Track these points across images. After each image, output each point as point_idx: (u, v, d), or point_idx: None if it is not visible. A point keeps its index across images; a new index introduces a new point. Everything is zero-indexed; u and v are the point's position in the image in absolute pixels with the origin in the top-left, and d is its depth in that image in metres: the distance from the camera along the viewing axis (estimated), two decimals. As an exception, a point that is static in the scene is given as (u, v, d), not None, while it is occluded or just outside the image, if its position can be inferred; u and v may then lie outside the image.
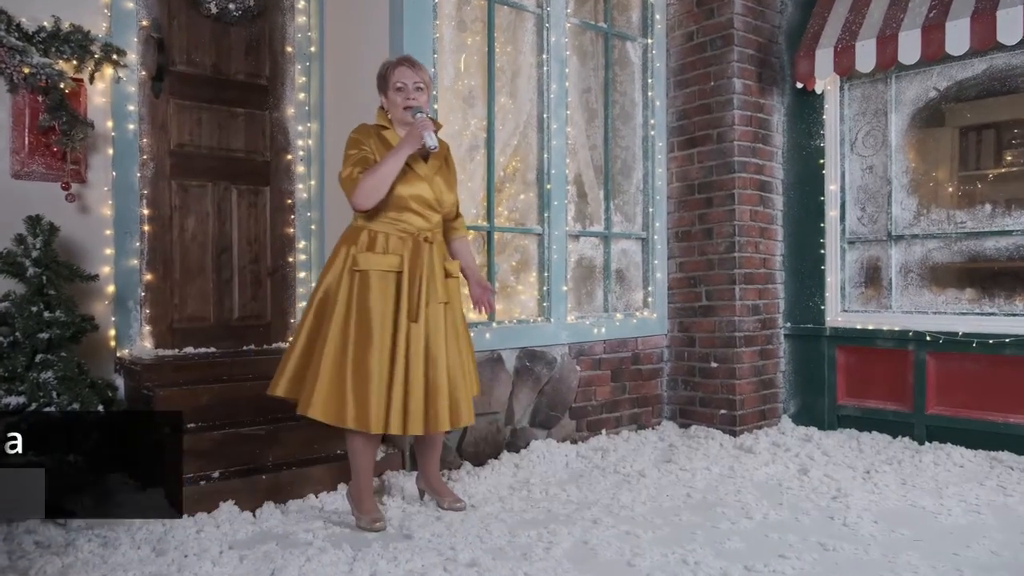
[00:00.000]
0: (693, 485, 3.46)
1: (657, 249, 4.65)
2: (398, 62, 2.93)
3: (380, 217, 2.86)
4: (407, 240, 2.86)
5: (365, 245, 2.84)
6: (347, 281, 2.81)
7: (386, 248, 2.84)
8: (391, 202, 2.83)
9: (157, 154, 3.70)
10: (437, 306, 2.87)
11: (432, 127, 2.81)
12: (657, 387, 4.64)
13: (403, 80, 2.88)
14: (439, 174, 2.95)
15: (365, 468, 2.93)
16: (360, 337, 2.76)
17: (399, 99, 2.88)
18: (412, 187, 2.86)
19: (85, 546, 2.61)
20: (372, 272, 2.80)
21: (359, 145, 2.86)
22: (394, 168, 2.77)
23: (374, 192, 2.77)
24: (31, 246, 3.03)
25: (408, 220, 2.88)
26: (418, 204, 2.88)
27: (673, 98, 4.67)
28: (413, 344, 2.79)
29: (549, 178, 4.12)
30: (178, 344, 3.73)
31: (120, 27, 3.54)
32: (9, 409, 2.80)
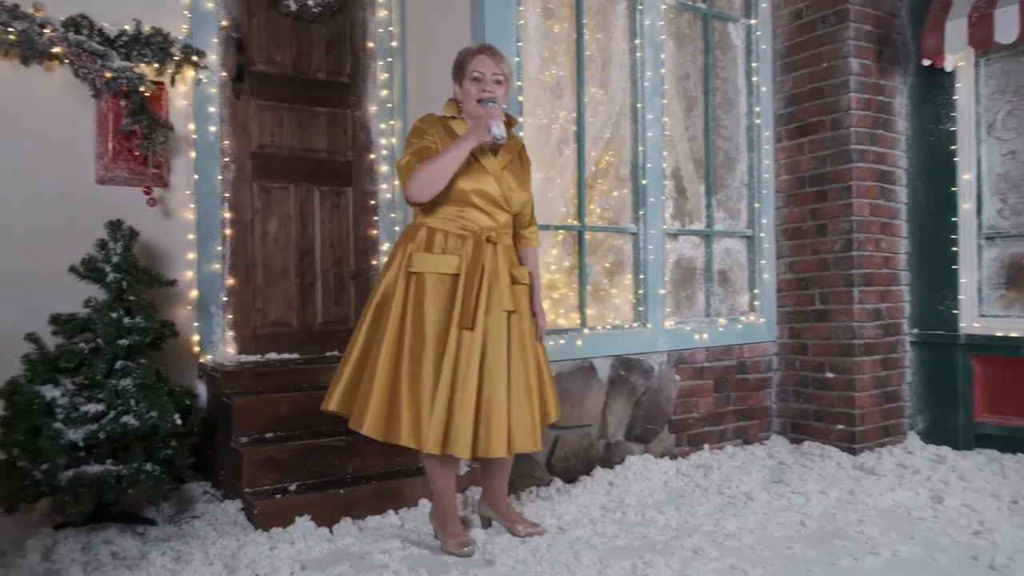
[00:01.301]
0: (807, 511, 3.09)
1: (764, 248, 4.27)
2: (478, 50, 2.70)
3: (439, 213, 2.62)
4: (468, 239, 2.60)
5: (422, 244, 2.60)
6: (403, 284, 2.57)
7: (444, 248, 2.59)
8: (452, 196, 2.58)
9: (238, 156, 3.63)
10: (500, 314, 2.58)
11: (502, 117, 2.56)
12: (765, 398, 4.26)
13: (481, 69, 2.64)
14: (509, 170, 2.69)
15: (446, 488, 2.69)
16: (414, 346, 2.52)
17: (474, 89, 2.65)
18: (476, 181, 2.60)
19: (158, 560, 2.51)
20: (428, 274, 2.56)
21: (422, 134, 2.64)
22: (455, 159, 2.52)
23: (430, 184, 2.52)
24: (112, 251, 2.98)
25: (470, 217, 2.62)
26: (482, 200, 2.62)
27: (780, 83, 4.28)
28: (464, 355, 2.51)
29: (644, 173, 3.82)
30: (261, 350, 3.65)
31: (200, 28, 3.48)
32: (88, 416, 2.75)
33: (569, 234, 3.68)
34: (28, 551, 2.59)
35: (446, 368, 2.50)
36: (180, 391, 2.97)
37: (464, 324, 2.52)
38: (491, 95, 2.62)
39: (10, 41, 3.07)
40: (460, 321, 2.52)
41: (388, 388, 2.53)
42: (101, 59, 3.18)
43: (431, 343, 2.52)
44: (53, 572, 2.46)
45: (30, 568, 2.49)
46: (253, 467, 2.91)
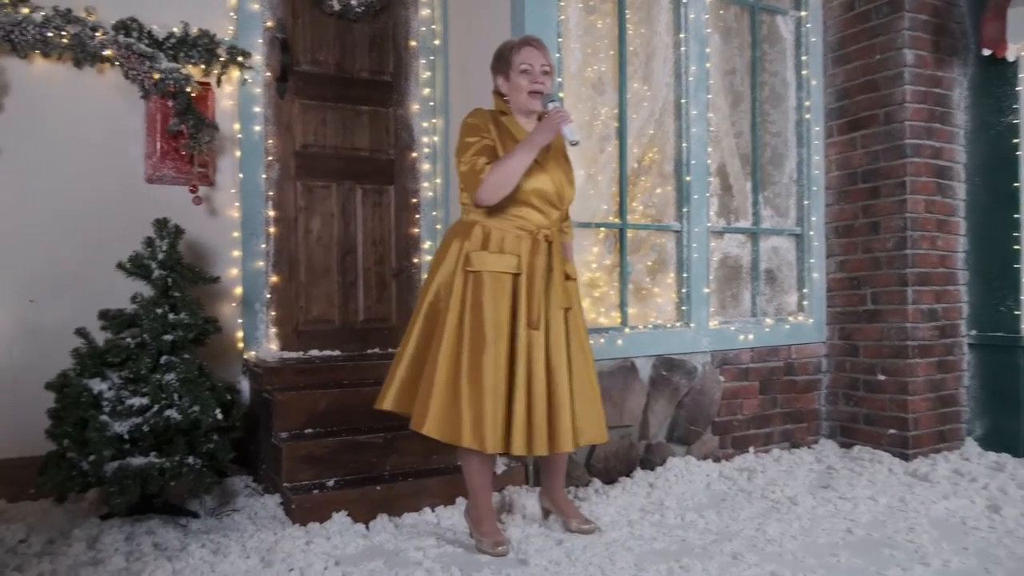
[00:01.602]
0: (855, 518, 2.99)
1: (814, 246, 4.15)
2: (523, 42, 2.66)
3: (498, 212, 2.59)
4: (524, 239, 2.59)
5: (479, 243, 2.58)
6: (460, 281, 2.56)
7: (501, 247, 2.57)
8: (511, 196, 2.55)
9: (282, 155, 3.68)
10: (558, 312, 2.58)
11: (571, 119, 2.53)
12: (814, 401, 4.14)
13: (529, 61, 2.60)
14: (560, 167, 2.67)
15: (483, 487, 2.68)
16: (474, 345, 2.50)
17: (524, 82, 2.60)
18: (534, 181, 2.58)
19: (197, 552, 2.55)
20: (486, 273, 2.54)
21: (478, 132, 2.60)
22: (525, 162, 2.50)
23: (501, 188, 2.51)
24: (158, 248, 3.04)
25: (527, 216, 2.60)
26: (538, 199, 2.60)
27: (831, 76, 4.16)
28: (535, 354, 2.51)
29: (688, 169, 3.75)
30: (303, 346, 3.69)
31: (245, 29, 3.54)
32: (133, 410, 2.81)
33: (610, 232, 3.63)
34: (74, 540, 2.65)
35: (520, 369, 2.49)
36: (222, 386, 3.02)
37: (532, 324, 2.51)
38: (542, 87, 2.60)
39: (64, 44, 3.16)
40: (528, 321, 2.51)
41: (449, 388, 2.50)
42: (149, 61, 3.25)
43: (491, 342, 2.50)
44: (97, 561, 2.52)
45: (75, 556, 2.55)
46: (292, 462, 2.94)
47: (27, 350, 3.15)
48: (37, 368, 3.00)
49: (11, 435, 3.08)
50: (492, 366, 2.48)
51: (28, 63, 3.17)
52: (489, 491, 2.72)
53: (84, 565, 2.48)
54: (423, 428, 2.50)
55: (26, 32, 3.08)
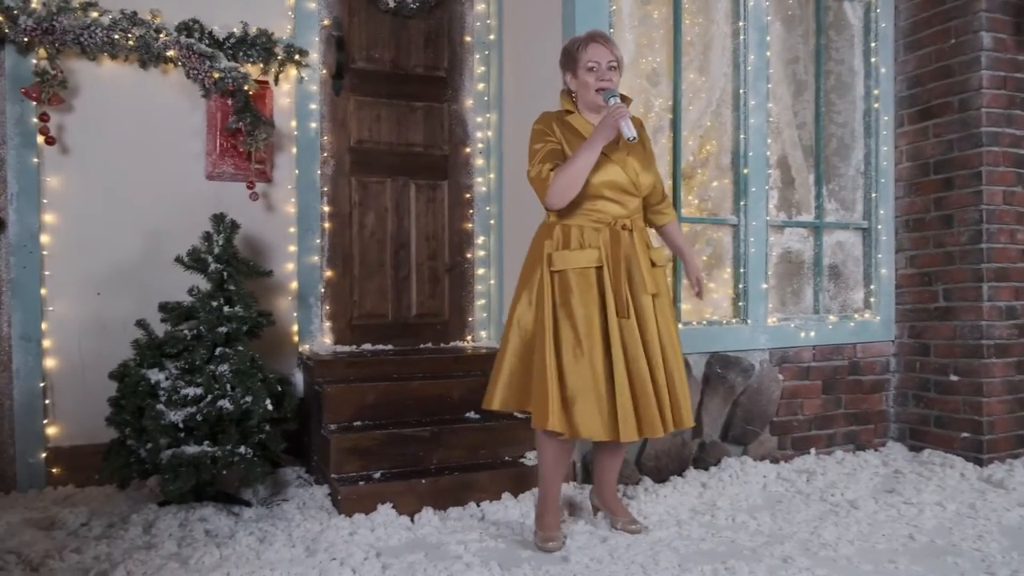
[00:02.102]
0: (919, 524, 2.85)
1: (882, 241, 3.98)
2: (589, 38, 2.62)
3: (572, 209, 2.58)
4: (603, 230, 2.57)
5: (560, 242, 2.58)
6: (547, 283, 2.56)
7: (582, 242, 2.56)
8: (582, 191, 2.54)
9: (337, 151, 3.73)
10: (645, 298, 2.57)
11: (628, 114, 2.49)
12: (881, 402, 3.96)
13: (596, 59, 2.57)
14: (632, 154, 2.63)
15: (553, 481, 2.68)
16: (572, 342, 2.51)
17: (591, 80, 2.58)
18: (603, 173, 2.56)
19: (244, 539, 2.61)
20: (571, 271, 2.54)
21: (544, 137, 2.60)
22: (588, 163, 2.49)
23: (568, 191, 2.50)
24: (215, 243, 3.13)
25: (603, 209, 2.58)
26: (611, 191, 2.57)
27: (902, 63, 3.97)
28: (629, 341, 2.53)
29: (746, 161, 3.63)
30: (356, 341, 3.74)
31: (303, 28, 3.60)
32: (188, 399, 2.89)
33: (664, 226, 3.54)
34: (131, 525, 2.75)
35: (617, 358, 2.50)
36: (273, 378, 3.08)
37: (621, 313, 2.52)
38: (610, 84, 2.56)
39: (130, 46, 3.28)
40: (617, 311, 2.52)
41: (558, 384, 2.51)
42: (209, 60, 3.35)
43: (585, 337, 2.51)
44: (151, 545, 2.60)
45: (131, 540, 2.64)
46: (339, 454, 2.98)
47: (94, 342, 3.29)
48: (104, 359, 3.13)
49: (80, 423, 3.22)
50: (589, 361, 2.49)
51: (97, 65, 3.31)
52: (558, 486, 2.71)
53: (139, 549, 2.56)
54: (547, 425, 2.50)
55: (94, 35, 3.21)
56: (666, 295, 2.68)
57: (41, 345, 3.22)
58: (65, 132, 3.27)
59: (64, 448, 3.24)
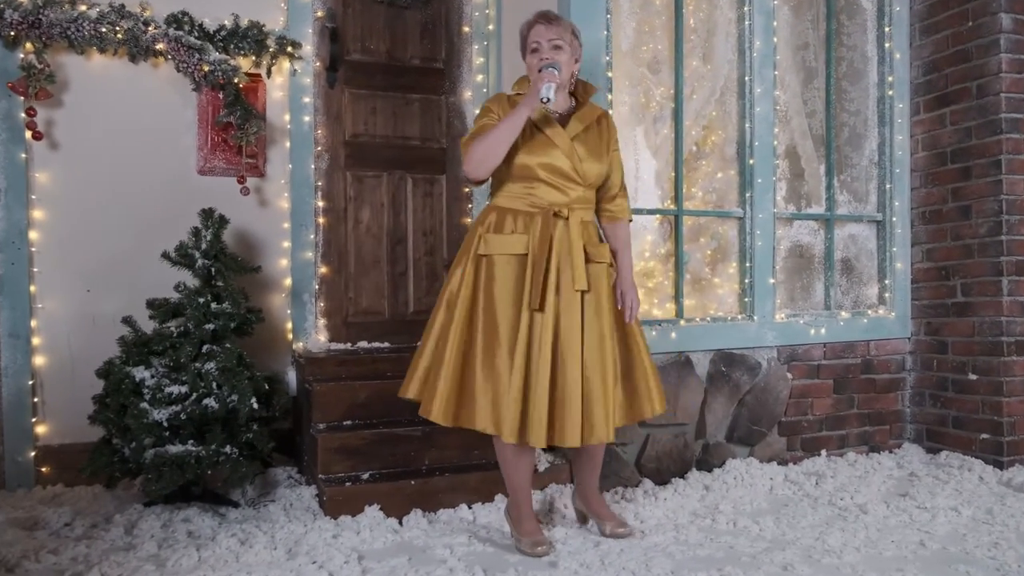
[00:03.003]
0: (931, 530, 2.71)
1: (896, 234, 3.82)
2: (534, 20, 2.54)
3: (507, 191, 2.49)
4: (536, 216, 2.45)
5: (492, 225, 2.48)
6: (472, 267, 2.46)
7: (514, 228, 2.45)
8: (517, 172, 2.44)
9: (332, 145, 3.66)
10: (573, 294, 2.42)
11: (555, 79, 2.36)
12: (896, 402, 3.81)
13: (537, 39, 2.49)
14: (582, 140, 2.49)
15: (520, 483, 2.56)
16: (487, 331, 2.41)
17: (534, 61, 2.49)
18: (541, 155, 2.43)
19: (225, 541, 2.53)
20: (497, 256, 2.43)
21: (487, 112, 2.52)
22: (507, 131, 2.36)
23: (485, 160, 2.39)
24: (203, 238, 3.06)
25: (539, 193, 2.46)
26: (549, 174, 2.45)
27: (918, 48, 3.81)
28: (537, 338, 2.37)
29: (752, 152, 3.50)
30: (352, 338, 3.66)
31: (296, 19, 3.53)
32: (172, 398, 2.83)
33: (666, 219, 3.43)
34: (114, 525, 2.69)
35: (519, 352, 2.38)
36: (260, 376, 3.01)
37: (533, 305, 2.38)
38: (550, 61, 2.44)
39: (118, 39, 3.22)
40: (529, 302, 2.38)
41: (458, 375, 2.43)
42: (199, 53, 3.28)
43: (504, 327, 2.40)
44: (131, 546, 2.54)
45: (112, 541, 2.58)
46: (327, 453, 2.90)
47: (85, 339, 3.23)
48: (94, 356, 3.07)
49: (70, 422, 3.17)
50: (506, 352, 2.38)
51: (86, 59, 3.25)
52: (528, 488, 2.59)
53: (118, 550, 2.50)
54: (430, 414, 2.44)
55: (82, 28, 3.15)
56: (604, 294, 2.50)
57: (30, 343, 3.17)
58: (54, 127, 3.23)
59: (53, 447, 3.19)
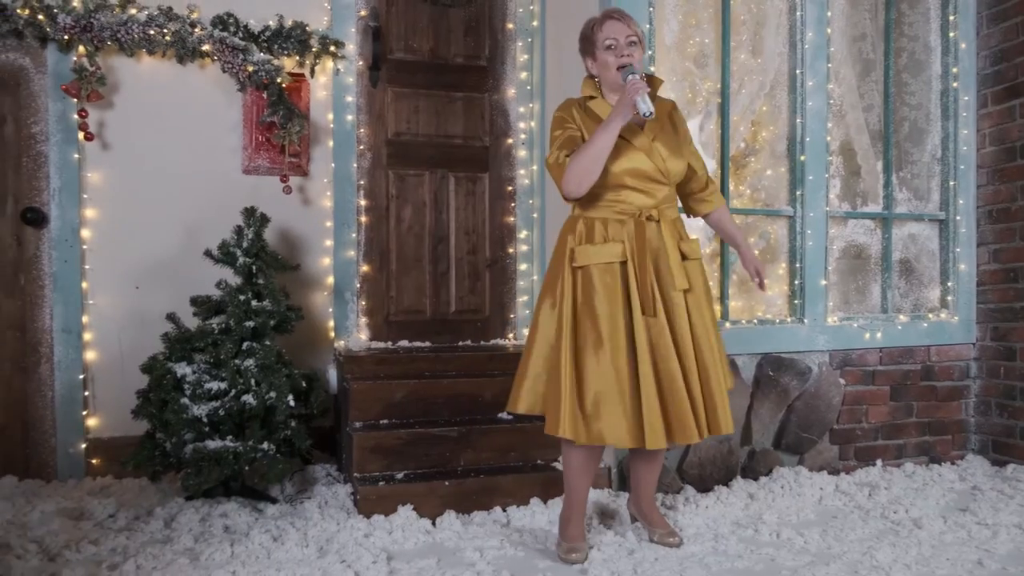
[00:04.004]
0: (991, 548, 2.55)
1: (961, 233, 3.63)
2: (604, 16, 2.46)
3: (594, 201, 2.41)
4: (627, 222, 2.39)
5: (583, 236, 2.42)
6: (570, 279, 2.41)
7: (605, 236, 2.39)
8: (603, 181, 2.36)
9: (374, 144, 3.66)
10: (676, 294, 2.37)
11: (646, 88, 2.28)
12: (960, 411, 3.61)
13: (613, 36, 2.40)
14: (660, 139, 2.43)
15: (579, 489, 2.51)
16: (594, 342, 2.34)
17: (610, 58, 2.40)
18: (626, 160, 2.37)
19: (258, 537, 2.55)
20: (593, 267, 2.37)
21: (563, 124, 2.45)
22: (604, 146, 2.30)
23: (585, 176, 2.32)
24: (244, 236, 3.10)
25: (626, 199, 2.40)
26: (635, 179, 2.39)
27: (985, 37, 3.61)
28: (658, 342, 2.34)
29: (803, 148, 3.36)
30: (393, 337, 3.66)
31: (339, 19, 3.55)
32: (211, 393, 2.87)
33: (712, 218, 3.32)
34: (154, 518, 2.74)
35: (643, 360, 2.32)
36: (298, 373, 3.02)
37: (646, 311, 2.34)
38: (629, 60, 2.37)
39: (166, 41, 3.29)
40: (642, 309, 2.34)
41: (576, 389, 2.36)
42: (243, 54, 3.33)
43: (608, 337, 2.34)
44: (168, 539, 2.58)
45: (151, 534, 2.63)
46: (362, 452, 2.89)
47: (134, 334, 3.31)
48: (142, 351, 3.13)
49: (119, 415, 3.24)
50: (611, 362, 2.32)
51: (135, 61, 3.33)
52: (584, 495, 2.53)
53: (156, 543, 2.55)
54: (559, 431, 2.35)
55: (131, 31, 3.23)
56: (702, 290, 2.46)
57: (82, 338, 3.27)
58: (106, 128, 3.31)
59: (103, 439, 3.28)
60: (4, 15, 3.08)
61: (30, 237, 3.20)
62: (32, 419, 3.20)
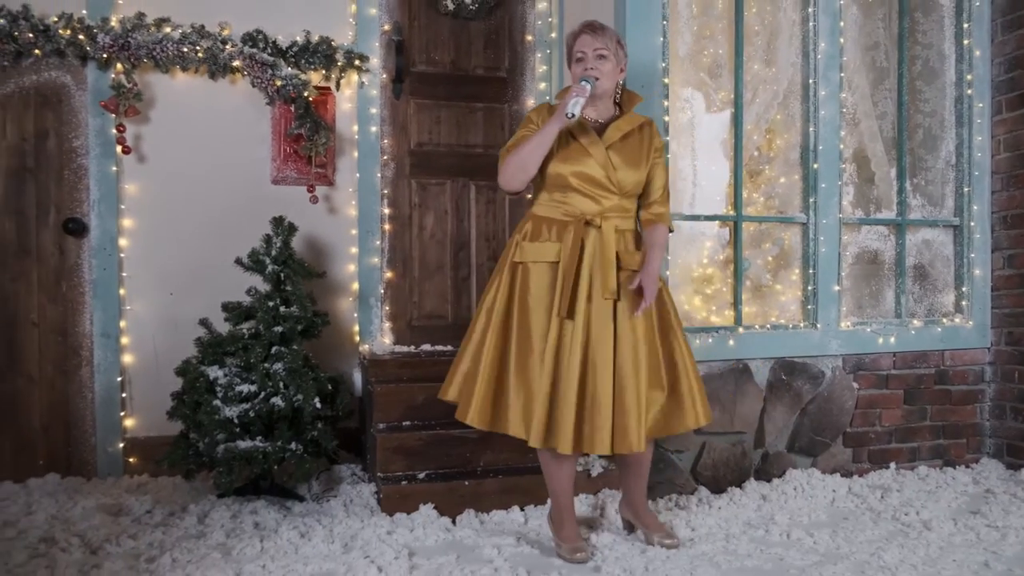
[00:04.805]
0: (998, 550, 2.60)
1: (975, 239, 3.66)
2: (580, 29, 2.56)
3: (543, 200, 2.55)
4: (570, 225, 2.48)
5: (528, 234, 2.53)
6: (508, 275, 2.52)
7: (549, 235, 2.50)
8: (550, 182, 2.49)
9: (397, 154, 3.79)
10: (604, 303, 2.44)
11: (584, 94, 2.36)
12: (975, 414, 3.65)
13: (583, 49, 2.51)
14: (618, 149, 2.49)
15: (560, 488, 2.59)
16: (521, 337, 2.46)
17: (578, 70, 2.51)
18: (575, 164, 2.46)
19: (287, 533, 2.68)
20: (532, 264, 2.48)
21: (527, 124, 2.57)
22: (539, 145, 2.41)
23: (517, 171, 2.45)
24: (273, 244, 3.23)
25: (572, 202, 2.49)
26: (582, 183, 2.47)
27: (1000, 44, 3.64)
28: (566, 345, 2.41)
29: (815, 156, 3.42)
30: (416, 341, 3.77)
31: (364, 34, 3.67)
32: (242, 396, 3.00)
33: (725, 225, 3.40)
34: (188, 514, 2.88)
35: (547, 359, 2.42)
36: (324, 377, 3.15)
37: (561, 313, 2.41)
38: (593, 72, 2.46)
39: (199, 58, 3.43)
40: (558, 310, 2.42)
41: (494, 379, 2.49)
42: (271, 69, 3.46)
43: (537, 334, 2.45)
44: (201, 534, 2.71)
45: (185, 529, 2.76)
46: (385, 453, 3.01)
47: (168, 339, 3.46)
48: (176, 355, 3.27)
49: (155, 416, 3.37)
50: (537, 357, 2.43)
51: (170, 77, 3.48)
52: (569, 493, 2.61)
53: (190, 538, 2.68)
54: (466, 418, 2.49)
55: (166, 49, 3.38)
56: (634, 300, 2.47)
57: (119, 342, 3.42)
58: (142, 141, 3.46)
59: (140, 439, 3.43)
60: (47, 35, 3.24)
61: (71, 246, 3.37)
62: (73, 419, 3.36)
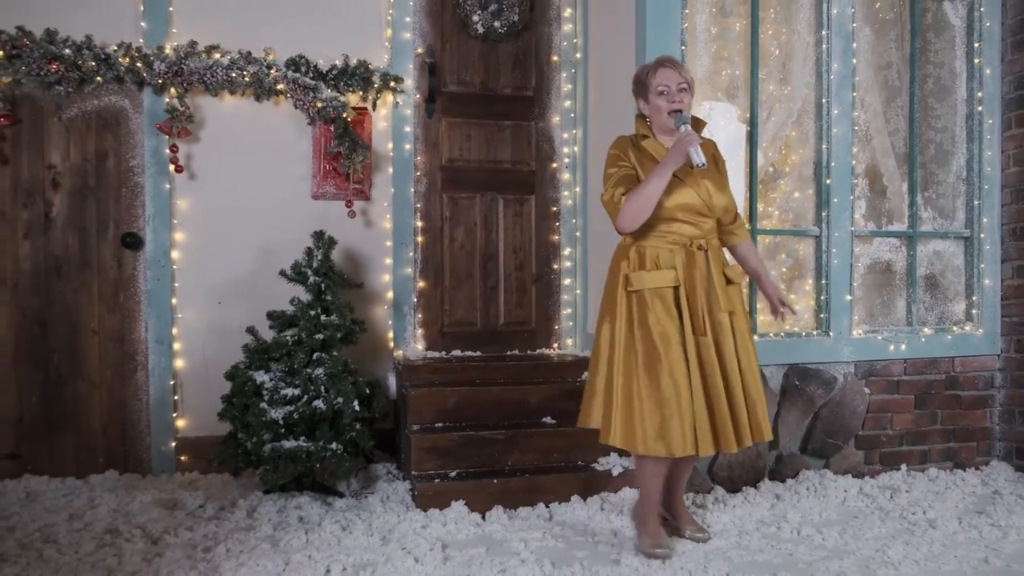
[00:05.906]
0: (999, 548, 2.75)
1: (985, 250, 3.79)
2: (657, 63, 2.72)
3: (647, 231, 2.68)
4: (678, 252, 2.66)
5: (636, 263, 2.69)
6: (624, 302, 2.69)
7: (657, 263, 2.67)
8: (656, 214, 2.64)
9: (430, 170, 4.00)
10: (722, 316, 2.66)
11: (698, 140, 2.55)
12: (985, 419, 3.78)
13: (666, 82, 2.67)
14: (707, 177, 2.70)
15: (654, 491, 2.76)
16: (648, 360, 2.61)
17: (662, 103, 2.67)
18: (677, 196, 2.65)
19: (329, 527, 2.89)
20: (647, 291, 2.65)
21: (618, 161, 2.72)
22: (657, 188, 2.58)
23: (639, 215, 2.60)
24: (314, 257, 3.46)
25: (677, 230, 2.67)
26: (685, 213, 2.66)
27: (1010, 63, 3.77)
28: (706, 359, 2.62)
29: (828, 172, 3.58)
30: (447, 347, 3.98)
31: (399, 56, 3.89)
32: (287, 399, 3.23)
33: (742, 237, 3.56)
34: (238, 509, 3.11)
35: (695, 375, 2.60)
36: (363, 381, 3.37)
37: (698, 332, 2.62)
38: (680, 105, 2.65)
39: (245, 82, 3.67)
40: (694, 330, 2.62)
41: (628, 402, 2.64)
42: (312, 91, 3.69)
43: (663, 354, 2.60)
44: (251, 527, 2.94)
45: (236, 523, 2.99)
46: (419, 452, 3.22)
47: (216, 345, 3.69)
48: (224, 360, 3.50)
49: (204, 417, 3.62)
50: (668, 376, 2.58)
51: (219, 100, 3.72)
52: (658, 496, 2.78)
53: (240, 530, 2.91)
54: (608, 439, 2.65)
55: (216, 74, 3.62)
56: (742, 312, 2.74)
57: (172, 348, 3.67)
58: (193, 160, 3.71)
59: (191, 439, 3.67)
60: (108, 63, 3.50)
61: (128, 259, 3.62)
62: (130, 420, 3.62)
